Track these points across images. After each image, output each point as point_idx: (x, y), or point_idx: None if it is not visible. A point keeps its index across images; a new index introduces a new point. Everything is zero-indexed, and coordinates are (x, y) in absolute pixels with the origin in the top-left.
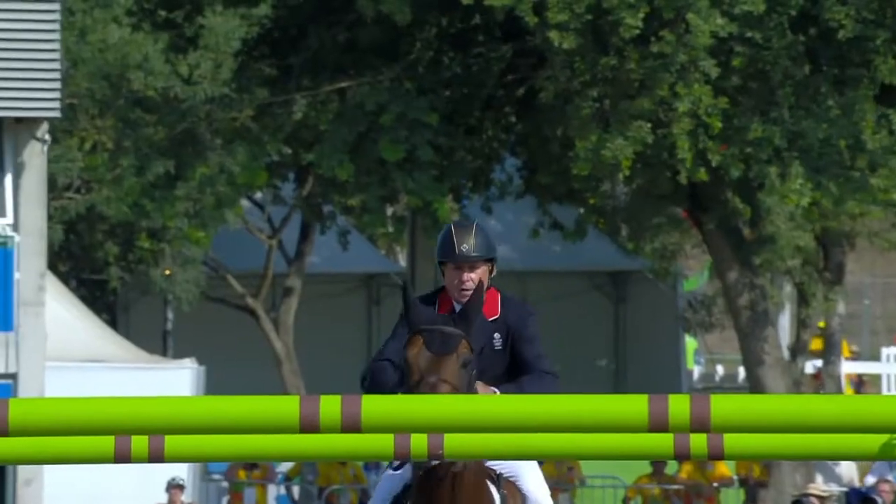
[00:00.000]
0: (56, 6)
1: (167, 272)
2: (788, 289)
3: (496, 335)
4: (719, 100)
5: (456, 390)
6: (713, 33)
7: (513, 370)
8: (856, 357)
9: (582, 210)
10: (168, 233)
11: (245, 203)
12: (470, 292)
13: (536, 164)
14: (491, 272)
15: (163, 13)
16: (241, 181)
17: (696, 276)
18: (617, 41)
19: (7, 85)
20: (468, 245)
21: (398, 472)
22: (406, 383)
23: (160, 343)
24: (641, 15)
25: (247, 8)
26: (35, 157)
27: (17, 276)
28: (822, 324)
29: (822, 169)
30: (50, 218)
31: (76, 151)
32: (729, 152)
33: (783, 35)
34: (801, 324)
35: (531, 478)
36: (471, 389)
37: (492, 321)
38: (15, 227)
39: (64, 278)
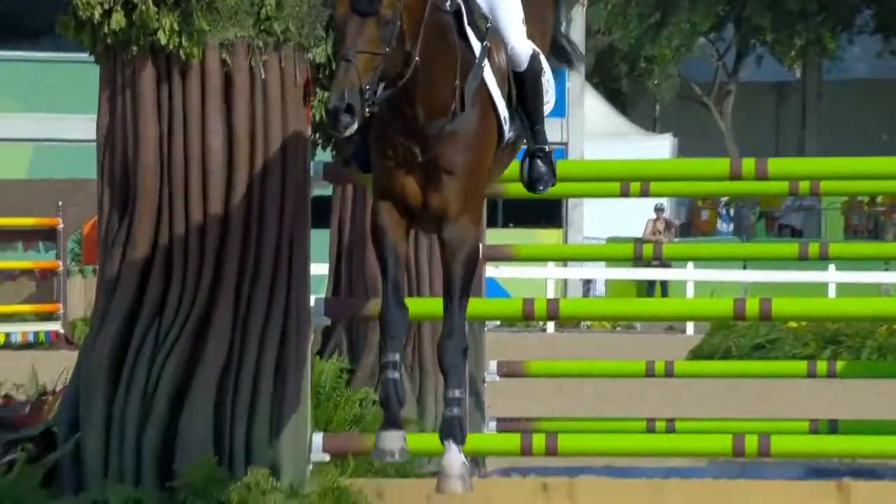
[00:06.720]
0: None
1: (655, 83)
2: None
3: None
4: None
5: (373, 58)
6: None
7: None
8: None
9: None
10: (655, 60)
11: (701, 40)
12: None
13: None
14: None
15: None
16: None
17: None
18: None
19: None
20: None
21: None
22: (337, 48)
23: (651, 124)
24: None
25: None
26: (578, 14)
27: (567, 85)
28: None
29: None
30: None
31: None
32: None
33: None
34: None
35: (515, 32)
36: (391, 46)
37: None
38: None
39: (594, 86)
